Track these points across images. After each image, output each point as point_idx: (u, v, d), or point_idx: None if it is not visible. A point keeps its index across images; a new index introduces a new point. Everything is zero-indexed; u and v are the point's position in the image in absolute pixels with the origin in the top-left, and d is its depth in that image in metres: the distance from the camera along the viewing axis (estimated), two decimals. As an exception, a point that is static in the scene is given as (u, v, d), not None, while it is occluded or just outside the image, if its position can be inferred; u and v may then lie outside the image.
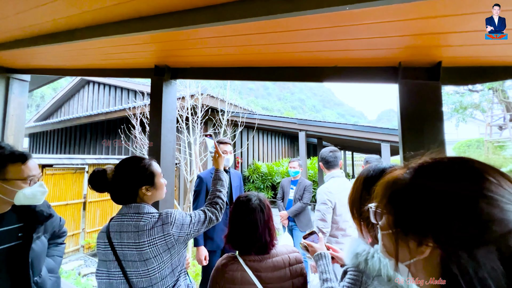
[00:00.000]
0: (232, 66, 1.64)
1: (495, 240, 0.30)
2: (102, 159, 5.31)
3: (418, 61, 1.13)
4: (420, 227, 0.36)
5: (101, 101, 9.35)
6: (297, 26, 1.03)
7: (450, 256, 0.33)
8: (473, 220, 0.32)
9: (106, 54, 1.92)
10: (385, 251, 0.44)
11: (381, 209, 0.44)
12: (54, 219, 1.25)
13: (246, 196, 1.08)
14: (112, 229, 1.00)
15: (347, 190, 2.14)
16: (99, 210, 5.30)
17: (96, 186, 1.02)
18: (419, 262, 0.38)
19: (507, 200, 0.32)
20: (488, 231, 0.31)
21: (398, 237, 0.40)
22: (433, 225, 0.35)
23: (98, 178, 1.02)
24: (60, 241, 1.37)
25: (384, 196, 0.44)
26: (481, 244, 0.31)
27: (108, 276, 0.96)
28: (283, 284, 0.98)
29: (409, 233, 0.38)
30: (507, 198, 0.32)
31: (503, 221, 0.31)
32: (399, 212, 0.40)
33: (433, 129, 1.06)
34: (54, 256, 1.29)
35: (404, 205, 0.39)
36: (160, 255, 0.96)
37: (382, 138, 5.08)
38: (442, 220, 0.34)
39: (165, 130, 1.88)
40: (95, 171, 1.03)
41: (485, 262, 0.30)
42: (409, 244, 0.38)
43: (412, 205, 0.38)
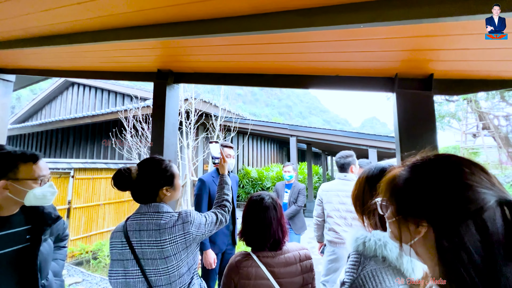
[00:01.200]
0: (238, 72, 1.71)
1: (471, 216, 0.39)
2: (89, 163, 5.14)
3: (413, 73, 1.25)
4: (415, 211, 0.46)
5: (86, 103, 9.05)
6: (306, 38, 1.12)
7: (441, 232, 0.42)
8: (453, 202, 0.41)
9: (107, 57, 1.93)
10: (392, 236, 0.54)
11: (386, 202, 0.53)
12: (60, 221, 1.24)
13: (259, 195, 1.14)
14: (130, 228, 1.01)
15: (335, 190, 2.31)
16: (84, 217, 5.10)
17: (120, 184, 1.04)
18: (419, 241, 0.46)
19: (478, 184, 0.41)
20: (465, 210, 0.39)
21: (400, 222, 0.49)
22: (425, 209, 0.44)
23: (123, 177, 1.03)
24: (62, 245, 1.35)
25: (387, 191, 0.53)
26: (462, 220, 0.39)
27: (125, 276, 0.97)
28: (295, 279, 1.04)
29: (408, 218, 0.47)
30: (478, 182, 0.41)
31: (475, 200, 0.39)
32: (399, 202, 0.49)
33: (426, 134, 1.18)
34: (57, 260, 1.27)
35: (402, 196, 0.49)
36: (179, 253, 0.99)
37: (370, 144, 5.30)
38: (431, 204, 0.43)
39: (167, 133, 1.90)
40: (121, 170, 1.04)
41: (466, 234, 0.38)
42: (409, 227, 0.47)
43: (408, 195, 0.48)
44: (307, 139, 6.65)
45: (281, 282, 1.01)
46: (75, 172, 4.90)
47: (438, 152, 0.56)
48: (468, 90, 1.26)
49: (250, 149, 10.47)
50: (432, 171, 0.46)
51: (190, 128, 4.54)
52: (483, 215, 0.39)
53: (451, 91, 1.27)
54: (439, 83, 1.24)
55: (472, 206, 0.39)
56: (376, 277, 0.72)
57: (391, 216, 0.52)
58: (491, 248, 0.37)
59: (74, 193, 4.85)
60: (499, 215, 0.39)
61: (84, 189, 5.02)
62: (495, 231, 0.38)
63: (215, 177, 2.20)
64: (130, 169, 1.05)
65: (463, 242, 0.39)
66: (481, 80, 1.24)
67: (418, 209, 0.45)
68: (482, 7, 0.67)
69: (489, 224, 0.38)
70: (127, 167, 1.05)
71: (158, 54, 1.70)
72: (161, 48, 1.58)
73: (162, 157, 1.14)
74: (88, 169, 5.07)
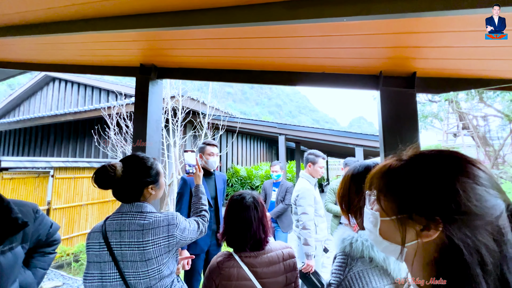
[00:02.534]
0: (224, 68, 1.67)
1: (491, 220, 0.36)
2: (70, 162, 4.92)
3: (397, 71, 1.26)
4: (429, 207, 0.39)
5: (68, 100, 8.67)
6: (291, 33, 1.10)
7: (454, 232, 0.37)
8: (469, 200, 0.37)
9: (86, 50, 1.83)
10: (379, 236, 0.47)
11: (382, 198, 0.47)
12: (42, 225, 1.13)
13: (240, 194, 1.11)
14: (110, 228, 0.96)
15: None
16: (65, 218, 4.89)
17: (102, 182, 0.97)
18: (419, 245, 0.41)
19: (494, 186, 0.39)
20: (486, 213, 0.36)
21: (404, 222, 0.42)
22: (441, 206, 0.38)
23: (107, 174, 0.97)
24: (49, 250, 1.20)
25: (381, 185, 0.47)
26: (482, 224, 0.36)
27: (102, 279, 0.92)
28: (278, 279, 1.02)
29: (419, 214, 0.40)
30: (494, 185, 0.39)
31: (495, 205, 0.37)
32: (402, 198, 0.43)
33: (409, 131, 1.19)
34: (37, 268, 1.14)
35: (408, 191, 0.42)
36: (161, 256, 0.95)
37: (356, 143, 5.40)
38: (449, 202, 0.38)
39: (150, 131, 1.83)
40: (105, 166, 0.98)
41: (483, 238, 0.36)
42: (415, 227, 0.41)
43: (416, 192, 0.41)
44: (296, 137, 6.69)
45: (264, 282, 0.99)
46: (55, 171, 4.69)
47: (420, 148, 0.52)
48: (449, 88, 1.29)
49: (239, 147, 10.42)
50: (444, 167, 0.40)
51: (177, 126, 4.44)
52: (499, 221, 0.36)
53: (433, 89, 1.29)
54: (422, 81, 1.26)
55: (494, 211, 0.36)
56: (363, 278, 0.71)
57: (388, 214, 0.45)
58: (503, 254, 0.35)
59: (54, 193, 4.64)
60: (508, 222, 0.37)
61: (65, 189, 4.81)
62: (509, 238, 0.36)
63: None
64: (115, 166, 0.99)
65: (475, 242, 0.36)
66: (462, 79, 1.27)
67: (431, 206, 0.39)
68: (462, 2, 0.67)
69: (504, 231, 0.36)
70: (112, 164, 1.00)
71: (140, 47, 1.63)
72: (142, 41, 1.52)
73: (145, 155, 1.09)
74: (69, 168, 4.86)
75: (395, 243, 0.44)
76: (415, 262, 0.43)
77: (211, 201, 2.13)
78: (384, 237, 0.47)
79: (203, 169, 2.20)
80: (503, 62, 1.10)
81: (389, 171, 0.47)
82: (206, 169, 2.20)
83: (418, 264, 0.43)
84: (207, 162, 2.15)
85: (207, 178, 2.20)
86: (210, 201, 2.12)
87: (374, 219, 0.48)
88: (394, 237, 0.45)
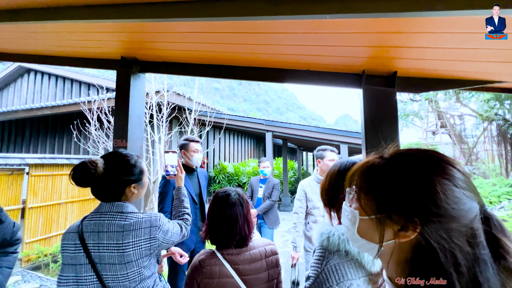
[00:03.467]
0: (207, 63, 1.64)
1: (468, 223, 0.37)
2: (47, 158, 4.68)
3: (378, 70, 1.29)
4: (408, 210, 0.39)
5: (45, 93, 8.21)
6: (274, 29, 1.09)
7: (431, 233, 0.37)
8: (448, 203, 0.37)
9: (62, 40, 1.73)
10: (356, 234, 0.47)
11: (361, 196, 0.46)
12: (6, 225, 1.09)
13: (225, 191, 1.10)
14: (87, 229, 0.91)
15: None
16: (42, 217, 4.66)
17: (81, 179, 0.91)
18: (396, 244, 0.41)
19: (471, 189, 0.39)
20: (456, 211, 0.37)
21: (382, 222, 0.42)
22: (420, 209, 0.39)
23: (87, 171, 0.91)
24: (11, 250, 1.19)
25: (363, 183, 0.46)
26: (459, 226, 0.37)
27: (77, 282, 0.88)
28: (260, 275, 1.03)
29: (392, 216, 0.41)
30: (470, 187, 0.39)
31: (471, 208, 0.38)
32: (383, 198, 0.43)
33: (390, 128, 1.23)
34: (2, 268, 1.12)
35: (389, 191, 0.42)
36: (141, 259, 0.92)
37: (341, 140, 5.52)
38: (428, 204, 0.38)
39: (132, 126, 1.77)
40: (85, 162, 0.91)
41: (452, 236, 0.37)
42: (393, 227, 0.41)
43: (396, 191, 0.41)
44: (283, 134, 6.73)
45: (246, 279, 0.99)
46: (31, 168, 4.44)
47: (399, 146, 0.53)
48: (428, 88, 1.33)
49: (227, 144, 10.36)
50: (426, 167, 0.40)
51: (162, 122, 4.33)
52: (473, 224, 0.37)
53: (413, 89, 1.33)
54: (402, 81, 1.30)
55: (470, 214, 0.37)
56: (339, 270, 0.73)
57: (367, 212, 0.45)
58: (476, 256, 0.36)
59: (29, 192, 4.40)
60: (480, 221, 0.38)
61: (42, 187, 4.58)
62: (480, 238, 0.37)
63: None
64: (96, 163, 0.93)
65: (450, 244, 0.36)
66: (440, 79, 1.32)
67: (409, 208, 0.39)
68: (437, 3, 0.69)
69: (477, 233, 0.37)
70: (92, 160, 0.93)
71: (120, 39, 1.57)
72: (123, 32, 1.45)
73: (130, 152, 1.05)
74: (46, 165, 4.62)
75: (372, 242, 0.44)
76: (391, 260, 0.43)
77: (195, 198, 2.10)
78: (361, 236, 0.46)
79: (186, 166, 2.15)
80: (477, 64, 1.15)
81: (369, 169, 0.46)
82: (190, 166, 2.15)
83: (392, 262, 0.43)
84: (191, 159, 2.11)
85: (190, 175, 2.15)
86: (195, 198, 2.09)
87: (353, 217, 0.48)
88: (371, 236, 0.45)
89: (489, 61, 1.10)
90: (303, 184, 2.28)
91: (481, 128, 11.70)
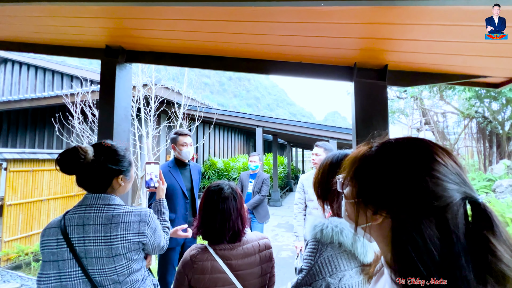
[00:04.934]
0: (198, 53, 1.59)
1: (435, 213, 0.37)
2: (27, 153, 4.46)
3: (370, 63, 1.30)
4: (376, 200, 0.43)
5: (23, 85, 7.78)
6: (267, 17, 1.06)
7: (400, 225, 0.39)
8: (420, 196, 0.38)
9: (41, 26, 1.63)
10: (347, 216, 0.52)
11: (348, 181, 0.50)
12: None
13: (218, 185, 1.07)
14: (71, 223, 0.88)
15: None
16: (23, 214, 4.45)
17: (68, 166, 0.88)
18: (374, 226, 0.45)
19: (448, 179, 0.38)
20: (431, 206, 0.37)
21: (359, 206, 0.46)
22: (387, 199, 0.41)
23: (76, 157, 0.87)
24: None
25: (350, 170, 0.50)
26: (424, 217, 0.37)
27: (60, 279, 0.84)
28: (253, 270, 1.01)
29: (368, 203, 0.44)
30: (448, 177, 0.38)
31: (443, 197, 0.37)
32: (361, 185, 0.46)
33: (380, 121, 1.24)
34: None
35: (365, 179, 0.46)
36: (130, 252, 0.89)
37: (331, 135, 5.59)
38: (395, 194, 0.40)
39: (118, 119, 1.70)
40: (75, 147, 0.88)
41: (427, 231, 0.36)
42: (366, 212, 0.45)
43: (371, 180, 0.44)
44: (274, 130, 6.74)
45: (239, 274, 0.97)
46: (9, 163, 4.22)
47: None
48: (418, 82, 1.36)
49: (217, 139, 10.26)
50: (401, 157, 0.42)
51: (150, 116, 4.22)
52: (446, 213, 0.37)
53: (403, 83, 1.35)
54: (393, 74, 1.31)
55: (438, 203, 0.37)
56: (332, 262, 0.74)
57: (349, 197, 0.49)
58: (450, 246, 0.36)
59: (8, 188, 4.19)
60: (462, 213, 0.37)
61: (22, 183, 4.36)
62: (456, 229, 0.36)
63: (171, 167, 2.07)
64: (86, 150, 0.90)
65: (422, 237, 0.36)
66: (428, 73, 1.34)
67: (379, 197, 0.42)
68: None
69: (451, 222, 0.36)
70: (83, 146, 0.90)
71: (105, 26, 1.49)
72: (108, 18, 1.38)
73: (118, 143, 1.03)
74: (26, 160, 4.40)
75: (353, 223, 0.49)
76: (380, 242, 0.46)
77: (187, 193, 2.07)
78: (348, 217, 0.52)
79: (179, 160, 2.12)
80: (465, 58, 1.18)
81: (357, 157, 0.49)
82: (181, 160, 2.12)
83: (383, 244, 0.46)
84: (181, 153, 2.08)
85: (182, 169, 2.12)
86: (186, 193, 2.06)
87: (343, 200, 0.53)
88: (352, 218, 0.49)
89: (477, 55, 1.13)
90: (303, 177, 2.40)
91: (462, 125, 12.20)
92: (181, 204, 2.03)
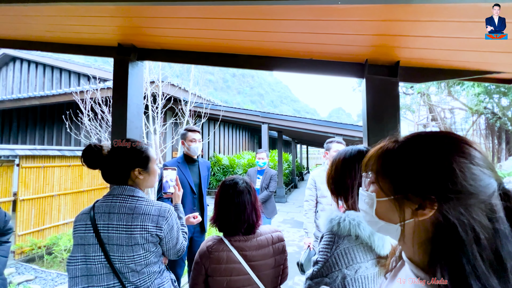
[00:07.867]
0: (210, 51, 1.60)
1: (485, 199, 0.38)
2: (38, 150, 4.56)
3: (381, 59, 1.30)
4: (423, 189, 0.40)
5: (32, 82, 7.92)
6: (282, 15, 1.07)
7: (450, 210, 0.38)
8: (465, 179, 0.38)
9: (56, 25, 1.66)
10: (379, 214, 0.48)
11: (378, 179, 0.48)
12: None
13: (233, 179, 1.10)
14: (99, 210, 0.94)
15: None
16: (35, 209, 4.58)
17: (90, 161, 0.98)
18: (410, 224, 0.43)
19: (486, 167, 0.40)
20: (473, 187, 0.38)
21: (401, 202, 0.43)
22: (435, 185, 0.40)
23: (92, 153, 0.98)
24: (4, 239, 1.21)
25: (379, 168, 0.48)
26: (476, 202, 0.38)
27: (86, 261, 0.90)
28: (267, 261, 1.05)
29: (409, 196, 0.42)
30: (485, 165, 0.40)
31: (488, 184, 0.38)
32: (399, 180, 0.44)
33: (391, 118, 1.25)
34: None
35: (403, 173, 0.43)
36: (148, 244, 0.94)
37: (336, 132, 5.57)
38: (442, 179, 0.39)
39: (131, 116, 1.74)
40: (90, 145, 0.99)
41: (472, 211, 0.37)
42: (410, 207, 0.42)
43: (412, 171, 0.42)
44: (279, 126, 6.74)
45: (253, 265, 1.01)
46: (21, 160, 4.33)
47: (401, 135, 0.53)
48: (430, 78, 1.35)
49: (222, 136, 10.31)
50: (439, 146, 0.41)
51: (157, 113, 4.26)
52: (491, 200, 0.38)
53: (415, 79, 1.35)
54: (404, 71, 1.31)
55: (488, 190, 0.38)
56: (348, 254, 0.76)
57: (384, 195, 0.46)
58: (496, 231, 0.37)
59: (20, 184, 4.30)
60: (500, 200, 0.38)
61: (33, 178, 4.47)
62: (501, 215, 0.37)
63: (180, 163, 2.11)
64: (101, 146, 1.00)
65: (471, 221, 0.37)
66: (440, 69, 1.34)
67: (425, 187, 0.40)
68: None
69: (496, 208, 0.37)
70: (98, 143, 1.01)
71: (118, 24, 1.51)
72: (121, 17, 1.40)
73: (138, 140, 1.09)
74: (37, 157, 4.51)
75: (391, 223, 0.46)
76: (410, 240, 0.44)
77: (194, 189, 2.11)
78: (380, 217, 0.48)
79: (187, 156, 2.16)
80: (478, 54, 1.17)
81: (385, 152, 0.48)
82: (189, 156, 2.16)
83: (414, 242, 0.44)
84: (189, 149, 2.13)
85: (190, 165, 2.16)
86: (194, 188, 2.10)
87: (370, 200, 0.49)
88: (390, 216, 0.46)
89: (490, 51, 1.12)
90: (313, 174, 2.36)
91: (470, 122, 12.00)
92: (189, 199, 2.07)
